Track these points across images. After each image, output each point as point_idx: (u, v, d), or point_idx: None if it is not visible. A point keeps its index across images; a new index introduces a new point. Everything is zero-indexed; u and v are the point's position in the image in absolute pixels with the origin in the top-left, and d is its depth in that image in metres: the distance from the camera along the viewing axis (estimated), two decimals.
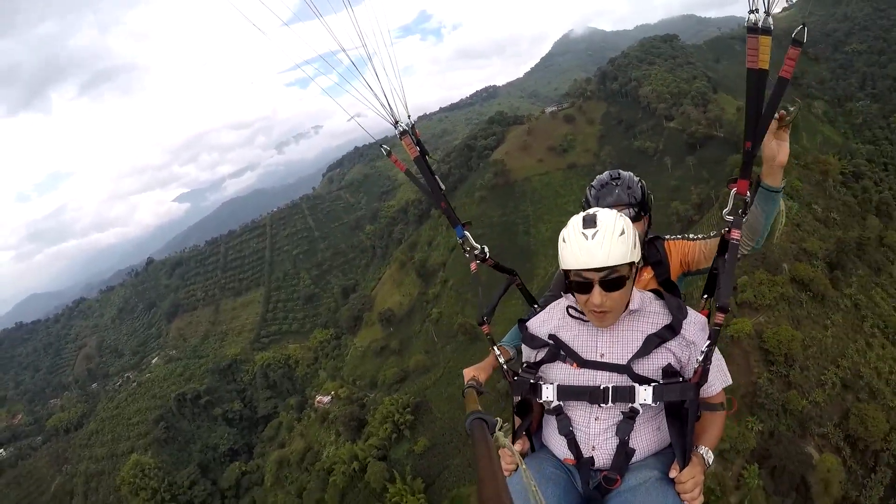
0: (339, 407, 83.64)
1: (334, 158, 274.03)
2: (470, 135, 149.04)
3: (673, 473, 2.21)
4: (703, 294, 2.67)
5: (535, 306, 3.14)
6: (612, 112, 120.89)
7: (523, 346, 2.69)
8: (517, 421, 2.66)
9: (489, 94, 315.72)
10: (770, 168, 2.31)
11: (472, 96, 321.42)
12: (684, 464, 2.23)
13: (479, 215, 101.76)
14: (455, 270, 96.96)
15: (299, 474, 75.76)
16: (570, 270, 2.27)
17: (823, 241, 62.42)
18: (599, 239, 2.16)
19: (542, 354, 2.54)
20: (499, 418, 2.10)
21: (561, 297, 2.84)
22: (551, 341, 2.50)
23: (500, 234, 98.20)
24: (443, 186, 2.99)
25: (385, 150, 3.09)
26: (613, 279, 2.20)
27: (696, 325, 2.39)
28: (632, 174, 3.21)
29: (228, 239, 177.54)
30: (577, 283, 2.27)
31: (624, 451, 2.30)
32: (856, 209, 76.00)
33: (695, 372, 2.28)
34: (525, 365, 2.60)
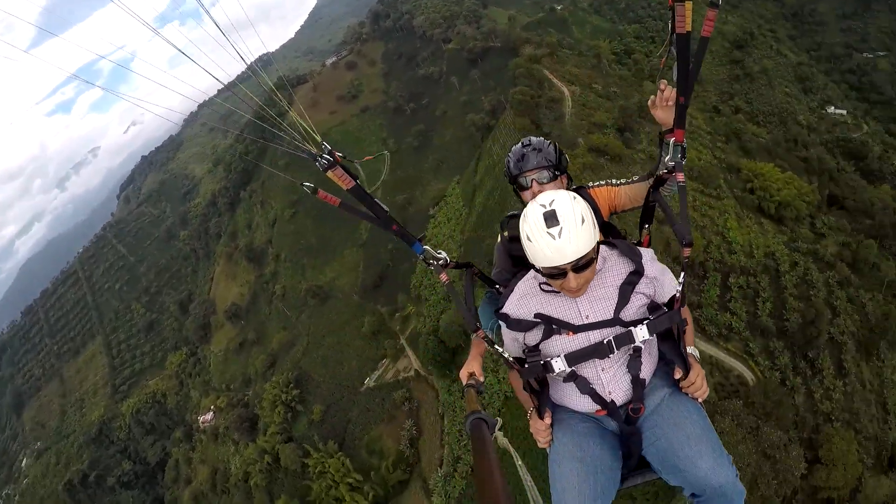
0: (225, 417, 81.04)
1: (123, 176, 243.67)
2: (260, 106, 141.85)
3: (678, 375, 2.59)
4: (643, 224, 3.11)
5: (497, 287, 3.29)
6: (391, 48, 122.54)
7: (508, 330, 2.75)
8: (533, 400, 2.81)
9: (265, 61, 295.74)
10: (667, 126, 2.71)
11: (248, 69, 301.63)
12: (686, 369, 2.60)
13: (289, 183, 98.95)
14: (282, 242, 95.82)
15: (219, 498, 73.36)
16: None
17: (608, 112, 70.90)
18: (566, 235, 2.26)
19: (534, 335, 2.65)
20: (499, 418, 2.25)
21: (511, 269, 3.18)
22: (537, 319, 2.62)
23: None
24: (386, 208, 2.94)
25: (308, 188, 2.86)
26: (584, 263, 2.35)
27: (651, 261, 2.65)
28: (541, 138, 3.25)
29: (43, 300, 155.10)
30: (550, 273, 2.40)
31: (639, 384, 2.60)
32: (632, 80, 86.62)
33: (676, 300, 2.61)
34: (526, 350, 2.70)
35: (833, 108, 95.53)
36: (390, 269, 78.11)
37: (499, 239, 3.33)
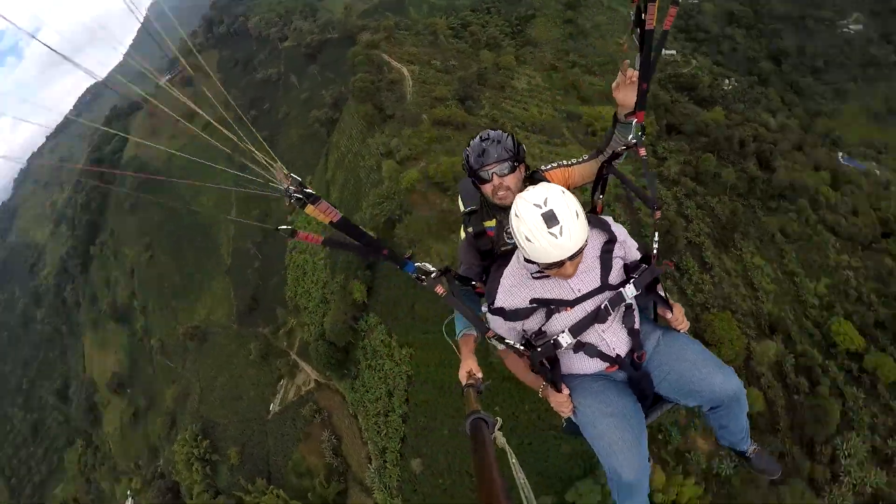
0: (145, 497, 74.46)
1: None
2: (92, 148, 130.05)
3: (668, 315, 2.96)
4: (598, 194, 3.28)
5: (473, 283, 3.36)
6: (226, 55, 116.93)
7: (504, 322, 2.87)
8: (544, 377, 2.98)
9: (95, 93, 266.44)
10: (626, 108, 2.90)
11: (77, 105, 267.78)
12: (670, 308, 2.96)
13: (138, 223, 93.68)
14: (146, 291, 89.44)
15: None
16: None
17: (448, 85, 71.82)
18: (567, 233, 2.39)
19: (533, 320, 2.82)
20: (498, 418, 2.23)
21: (479, 263, 3.33)
22: (534, 305, 2.78)
23: (168, 225, 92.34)
24: (373, 235, 2.51)
25: (285, 230, 2.53)
26: (579, 250, 2.50)
27: (616, 226, 2.89)
28: (499, 131, 3.26)
29: None
30: (548, 266, 2.56)
31: (635, 334, 2.90)
32: (469, 51, 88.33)
33: (653, 256, 2.88)
34: (533, 336, 2.87)
35: (663, 49, 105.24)
36: (261, 287, 74.85)
37: (462, 235, 3.43)
